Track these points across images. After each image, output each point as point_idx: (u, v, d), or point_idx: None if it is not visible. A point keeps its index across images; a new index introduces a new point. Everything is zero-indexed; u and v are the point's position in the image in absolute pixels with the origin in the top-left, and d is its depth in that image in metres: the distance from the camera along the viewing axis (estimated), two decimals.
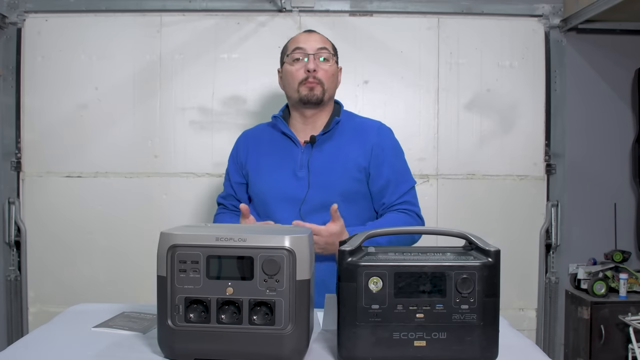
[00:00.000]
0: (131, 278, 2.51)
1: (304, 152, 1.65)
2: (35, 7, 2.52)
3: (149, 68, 2.53)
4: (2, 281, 2.56)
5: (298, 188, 1.62)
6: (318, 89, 1.64)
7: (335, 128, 1.67)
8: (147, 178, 2.54)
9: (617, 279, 2.48)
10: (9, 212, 2.52)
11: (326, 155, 1.64)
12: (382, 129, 1.72)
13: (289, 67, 1.67)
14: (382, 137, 1.69)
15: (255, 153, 1.73)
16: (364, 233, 1.08)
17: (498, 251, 1.00)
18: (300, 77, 1.64)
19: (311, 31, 1.73)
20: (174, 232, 1.01)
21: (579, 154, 2.63)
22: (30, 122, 2.53)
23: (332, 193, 1.60)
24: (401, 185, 1.66)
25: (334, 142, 1.66)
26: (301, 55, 1.65)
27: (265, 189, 1.66)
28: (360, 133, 1.68)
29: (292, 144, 1.68)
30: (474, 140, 2.58)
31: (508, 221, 2.59)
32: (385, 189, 1.65)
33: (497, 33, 2.58)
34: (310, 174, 1.62)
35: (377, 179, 1.65)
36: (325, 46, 1.67)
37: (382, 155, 1.66)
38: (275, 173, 1.66)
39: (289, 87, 1.69)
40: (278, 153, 1.69)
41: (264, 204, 1.66)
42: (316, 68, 1.63)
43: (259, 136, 1.76)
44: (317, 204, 1.59)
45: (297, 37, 1.72)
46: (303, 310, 0.99)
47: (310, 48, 1.65)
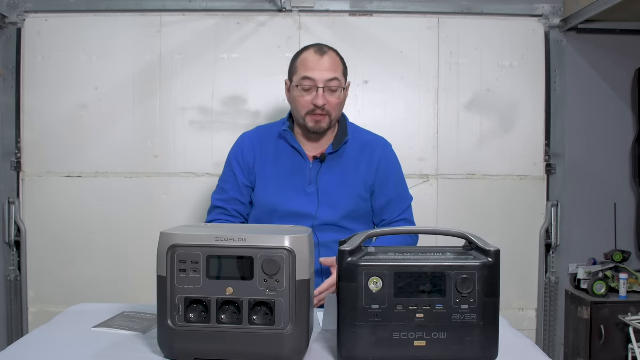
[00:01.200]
0: (131, 278, 2.51)
1: (312, 168, 1.66)
2: (35, 7, 2.52)
3: (149, 68, 2.53)
4: (2, 281, 2.56)
5: (309, 204, 1.63)
6: (325, 121, 1.64)
7: (343, 147, 1.69)
8: (147, 178, 2.54)
9: (617, 279, 2.48)
10: (9, 212, 2.52)
11: (335, 173, 1.66)
12: (386, 146, 1.76)
13: (297, 93, 1.64)
14: (387, 156, 1.73)
15: (262, 160, 1.70)
16: (364, 233, 1.08)
17: (498, 251, 1.00)
18: (308, 109, 1.63)
19: (322, 52, 1.65)
20: (174, 232, 1.01)
21: (579, 154, 2.63)
22: (30, 122, 2.53)
23: (340, 211, 1.64)
24: (402, 203, 1.73)
25: (342, 160, 1.68)
26: (310, 86, 1.62)
27: (275, 201, 1.65)
28: (366, 151, 1.71)
29: (301, 158, 1.68)
30: (474, 140, 2.58)
31: (508, 221, 2.59)
32: (387, 207, 1.70)
33: (497, 33, 2.58)
34: (319, 192, 1.63)
35: (381, 197, 1.70)
36: (336, 76, 1.63)
37: (387, 174, 1.71)
38: (284, 186, 1.66)
39: (295, 110, 1.68)
40: (288, 166, 1.68)
41: (272, 215, 1.65)
42: (325, 102, 1.61)
43: (265, 143, 1.73)
44: (327, 221, 1.62)
45: (308, 59, 1.65)
46: (303, 310, 0.99)
47: (320, 79, 1.61)
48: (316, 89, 1.60)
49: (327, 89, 1.61)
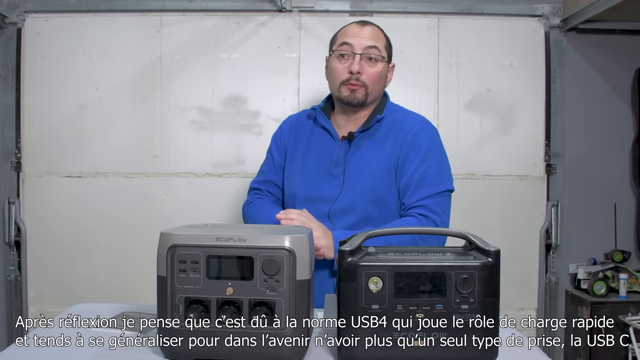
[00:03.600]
0: (131, 278, 2.51)
1: (341, 148, 1.56)
2: (35, 7, 2.52)
3: (149, 68, 2.53)
4: (2, 281, 2.56)
5: (331, 188, 1.53)
6: (361, 92, 1.52)
7: (376, 125, 1.55)
8: (147, 178, 2.54)
9: (617, 279, 2.48)
10: (9, 212, 2.52)
11: (363, 154, 1.54)
12: (422, 125, 1.56)
13: (334, 62, 1.55)
14: (417, 134, 1.53)
15: (295, 143, 1.64)
16: (364, 233, 1.08)
17: (498, 251, 1.00)
18: (343, 77, 1.52)
19: (364, 23, 1.57)
20: (174, 232, 1.01)
21: (579, 154, 2.63)
22: (30, 122, 2.53)
23: (362, 195, 1.51)
24: (424, 189, 1.49)
25: (373, 140, 1.54)
26: (347, 52, 1.52)
27: (294, 186, 1.59)
28: (397, 128, 1.55)
29: (331, 138, 1.58)
30: (474, 140, 2.58)
31: (508, 221, 2.59)
32: (406, 189, 1.51)
33: (497, 33, 2.58)
34: (345, 174, 1.53)
35: (401, 177, 1.51)
36: (376, 44, 1.52)
37: (412, 152, 1.51)
38: (309, 170, 1.58)
39: (331, 82, 1.58)
40: (315, 147, 1.60)
41: (293, 200, 1.59)
42: (360, 70, 1.50)
43: (302, 126, 1.66)
44: (346, 205, 1.51)
45: (348, 28, 1.57)
46: (303, 310, 0.99)
47: (358, 46, 1.51)
48: (353, 56, 1.51)
49: (365, 57, 1.51)
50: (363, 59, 1.51)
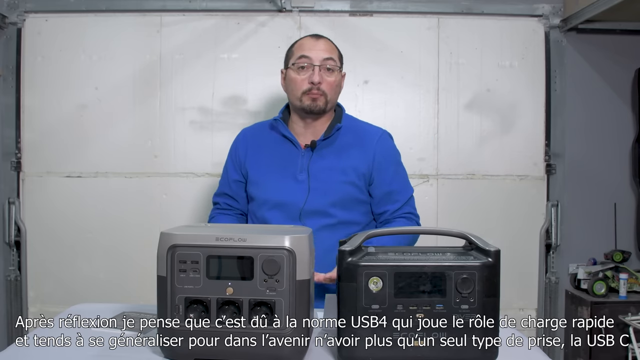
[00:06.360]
0: (131, 278, 2.51)
1: (304, 156, 1.67)
2: (35, 7, 2.52)
3: (149, 68, 2.53)
4: (2, 281, 2.56)
5: (298, 192, 1.63)
6: (321, 100, 1.64)
7: (336, 134, 1.68)
8: (147, 178, 2.54)
9: (617, 279, 2.48)
10: (9, 212, 2.52)
11: (326, 161, 1.65)
12: (384, 136, 1.74)
13: (293, 74, 1.67)
14: (384, 145, 1.71)
15: (254, 153, 1.73)
16: (364, 233, 1.08)
17: (498, 251, 1.00)
18: (304, 87, 1.64)
19: (318, 37, 1.71)
20: (174, 232, 1.01)
21: (579, 154, 2.63)
22: (30, 122, 2.53)
23: (330, 198, 1.63)
24: (403, 193, 1.71)
25: (335, 148, 1.67)
26: (306, 65, 1.64)
27: (265, 191, 1.67)
28: (361, 139, 1.69)
29: (293, 147, 1.69)
30: (474, 140, 2.58)
31: (508, 221, 2.59)
32: (389, 197, 1.68)
33: (497, 33, 2.58)
34: (310, 178, 1.63)
35: (381, 186, 1.68)
36: (332, 56, 1.66)
37: (385, 163, 1.68)
38: (275, 175, 1.67)
39: (291, 93, 1.69)
40: (278, 156, 1.69)
41: (263, 204, 1.67)
42: (321, 80, 1.63)
43: (259, 136, 1.76)
44: (315, 209, 1.62)
45: (304, 42, 1.70)
46: (303, 310, 0.99)
47: (316, 58, 1.64)
48: (312, 67, 1.64)
49: (323, 68, 1.64)
50: (321, 69, 1.64)
